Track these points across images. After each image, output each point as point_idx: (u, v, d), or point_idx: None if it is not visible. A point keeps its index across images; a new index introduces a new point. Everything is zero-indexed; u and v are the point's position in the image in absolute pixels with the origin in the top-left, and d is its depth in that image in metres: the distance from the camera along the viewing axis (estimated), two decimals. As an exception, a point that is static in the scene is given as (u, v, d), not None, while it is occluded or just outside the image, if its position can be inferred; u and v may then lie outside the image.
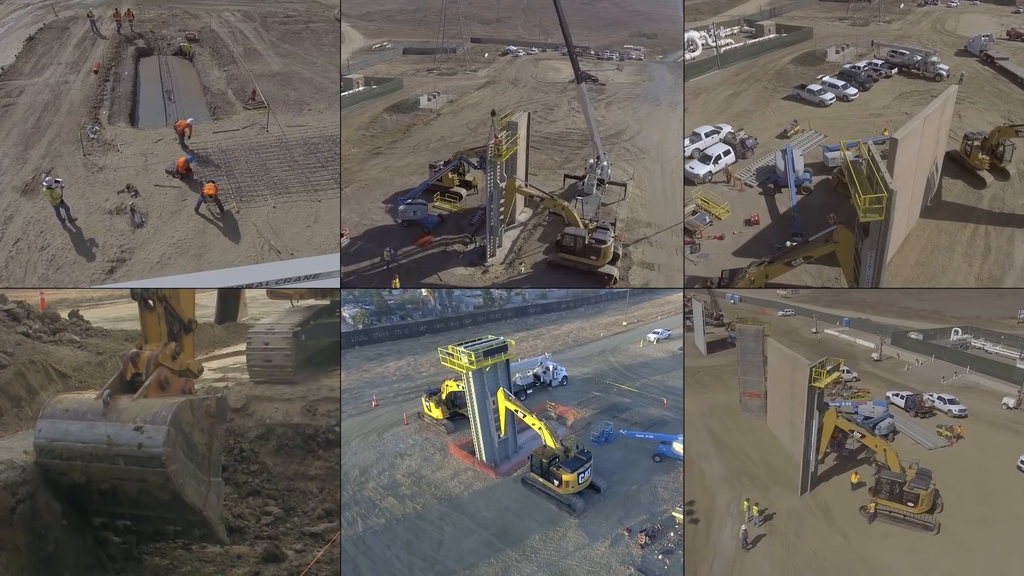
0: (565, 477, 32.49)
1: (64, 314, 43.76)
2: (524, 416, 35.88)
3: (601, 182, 46.79)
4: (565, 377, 53.81)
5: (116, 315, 49.32)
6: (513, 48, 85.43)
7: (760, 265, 36.13)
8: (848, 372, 51.69)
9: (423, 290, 70.79)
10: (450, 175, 47.06)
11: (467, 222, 44.11)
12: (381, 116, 63.83)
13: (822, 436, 34.59)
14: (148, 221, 37.64)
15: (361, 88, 70.91)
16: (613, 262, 40.42)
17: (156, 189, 40.51)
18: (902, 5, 76.93)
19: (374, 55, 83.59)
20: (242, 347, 37.65)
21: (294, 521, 26.60)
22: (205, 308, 39.21)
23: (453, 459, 38.02)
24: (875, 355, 60.11)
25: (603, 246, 39.44)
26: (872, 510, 32.40)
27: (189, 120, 45.89)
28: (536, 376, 52.28)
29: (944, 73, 56.97)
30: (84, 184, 40.88)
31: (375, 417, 43.22)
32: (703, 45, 66.24)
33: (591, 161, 47.09)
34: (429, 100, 67.06)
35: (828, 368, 33.36)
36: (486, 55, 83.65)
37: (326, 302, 39.33)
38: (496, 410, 36.38)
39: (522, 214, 45.73)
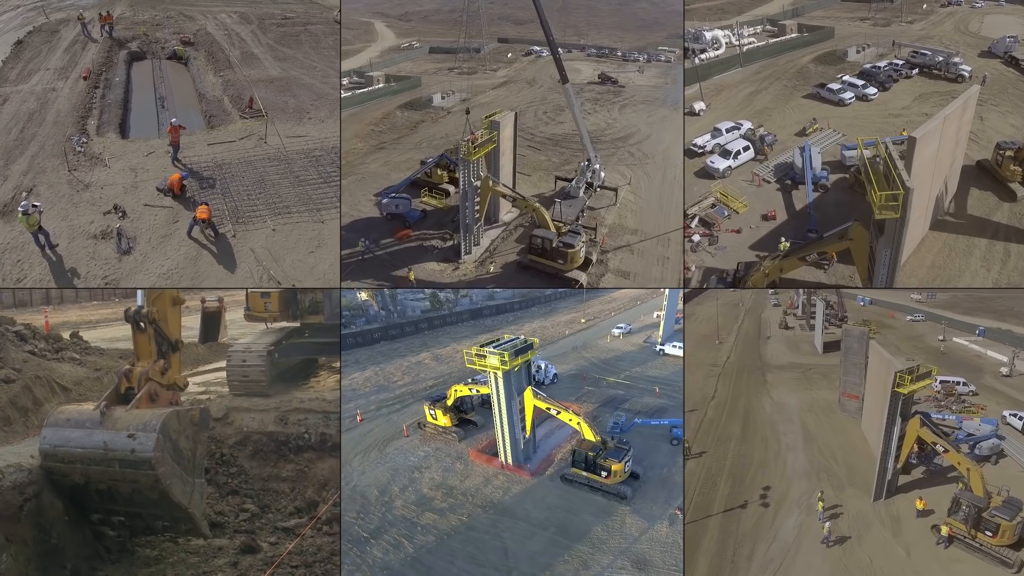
0: (614, 467, 34.56)
1: (66, 335, 46.19)
2: (559, 413, 37.32)
3: (590, 185, 48.24)
4: (555, 375, 55.45)
5: (112, 336, 50.99)
6: (537, 48, 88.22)
7: (775, 259, 37.42)
8: (964, 385, 50.68)
9: (362, 294, 71.56)
10: (439, 171, 48.78)
11: (449, 219, 45.45)
12: (394, 112, 66.76)
13: (903, 444, 34.08)
14: (136, 247, 36.12)
15: (380, 85, 74.65)
16: (584, 267, 41.32)
17: (145, 210, 39.12)
18: (925, 6, 78.99)
19: (400, 53, 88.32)
20: (223, 364, 41.03)
21: (268, 517, 29.45)
22: (190, 329, 39.23)
23: (476, 466, 38.81)
24: (1004, 370, 56.32)
25: (571, 250, 40.41)
26: (946, 532, 30.89)
27: (173, 120, 44.39)
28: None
29: (966, 74, 58.33)
30: (67, 204, 39.51)
31: (366, 433, 43.02)
32: (727, 43, 68.80)
33: (582, 164, 48.70)
34: (442, 98, 69.98)
35: (918, 374, 33.14)
36: (509, 55, 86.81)
37: (296, 324, 42.07)
38: (522, 410, 37.60)
39: (508, 214, 46.96)
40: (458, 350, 66.04)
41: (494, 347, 36.84)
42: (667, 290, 64.06)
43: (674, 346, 65.96)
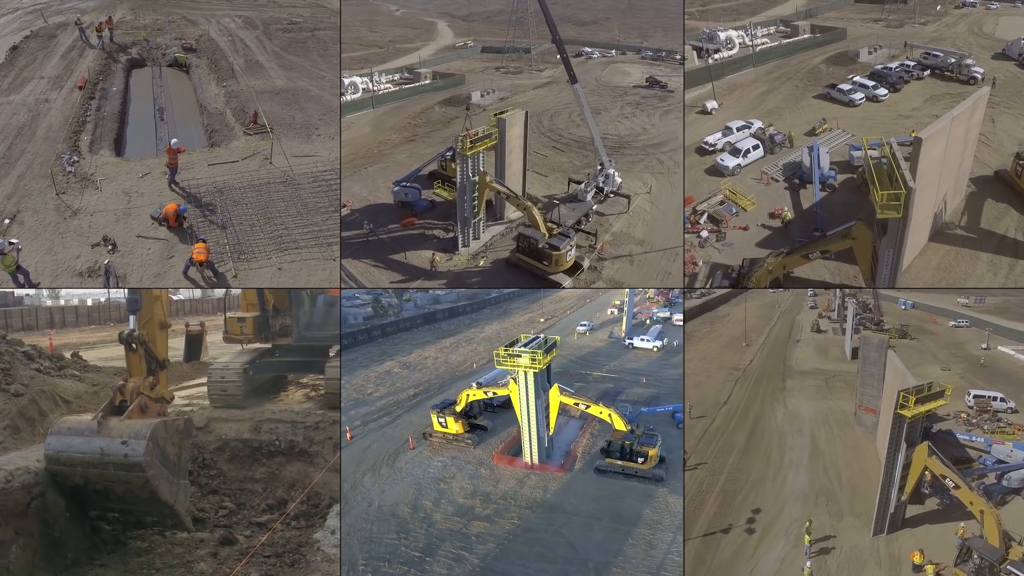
0: (651, 453, 37.26)
1: (67, 354, 48.30)
2: (588, 407, 39.32)
3: (600, 190, 49.08)
4: None
5: (107, 355, 53.21)
6: (588, 50, 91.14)
7: (778, 256, 37.99)
8: (1002, 401, 47.82)
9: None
10: (453, 165, 49.58)
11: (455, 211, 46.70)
12: (432, 108, 69.65)
13: (909, 474, 31.21)
14: (126, 286, 34.74)
15: (427, 81, 78.38)
16: (572, 271, 42.08)
17: (138, 242, 37.46)
18: (939, 7, 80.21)
19: (453, 52, 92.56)
20: (204, 380, 43.93)
21: (244, 514, 32.22)
22: (175, 350, 40.51)
23: (501, 469, 39.69)
24: (1053, 384, 52.77)
25: (556, 253, 41.19)
26: (931, 572, 28.27)
27: (173, 141, 42.65)
28: None
29: (979, 76, 59.02)
30: (53, 233, 37.94)
31: (363, 449, 42.46)
32: (740, 44, 70.56)
33: (596, 168, 49.69)
34: (482, 96, 72.63)
35: (926, 395, 30.53)
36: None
37: (268, 345, 45.06)
38: (547, 408, 39.05)
39: (516, 212, 47.77)
40: (425, 356, 67.63)
41: (522, 347, 38.37)
42: (627, 289, 65.71)
43: (642, 339, 71.45)
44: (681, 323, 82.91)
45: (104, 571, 25.79)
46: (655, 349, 71.22)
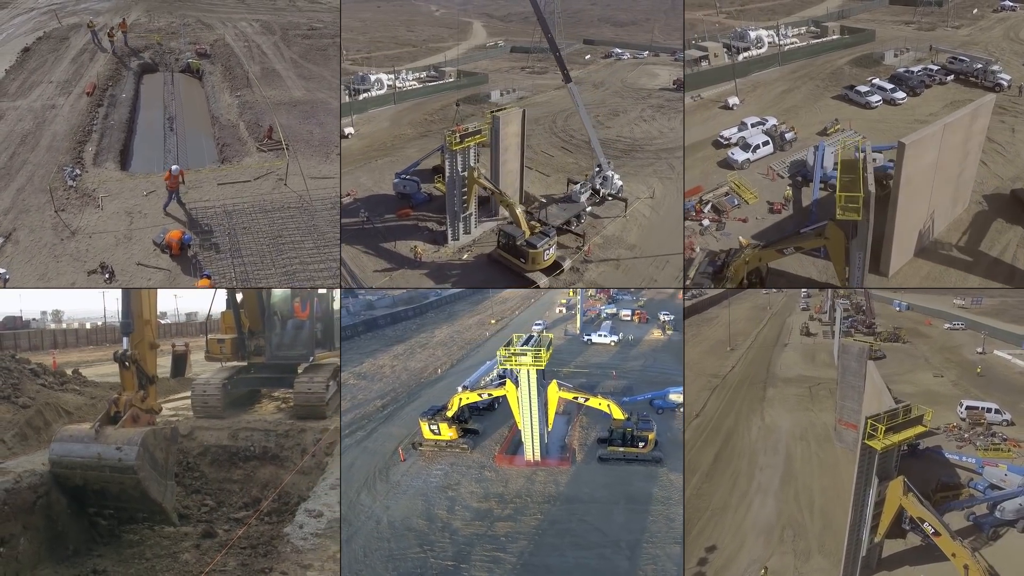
0: (650, 437, 41.15)
1: (69, 371, 52.59)
2: (587, 400, 42.47)
3: (595, 192, 50.80)
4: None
5: (104, 372, 56.14)
6: (618, 51, 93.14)
7: (755, 248, 39.46)
8: (997, 412, 45.88)
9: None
10: None
11: None
12: (451, 105, 71.53)
13: (883, 513, 28.06)
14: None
15: (451, 79, 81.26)
16: (551, 271, 43.61)
17: (137, 270, 36.77)
18: (975, 10, 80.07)
19: (482, 52, 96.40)
20: (188, 393, 47.45)
21: (223, 510, 35.09)
22: (163, 368, 43.28)
23: (507, 469, 41.15)
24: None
25: (533, 251, 42.84)
26: None
27: (173, 168, 41.35)
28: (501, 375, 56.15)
29: (1005, 83, 58.60)
30: (48, 256, 37.22)
31: (347, 466, 41.24)
32: (769, 43, 73.05)
33: (595, 169, 51.41)
34: (501, 95, 75.46)
35: (900, 422, 27.20)
36: (587, 56, 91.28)
37: (244, 363, 48.29)
38: (546, 404, 41.33)
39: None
40: (380, 365, 67.29)
41: (521, 346, 40.63)
42: (579, 289, 67.38)
43: (600, 335, 76.27)
44: (629, 318, 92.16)
45: (101, 560, 28.74)
46: (612, 344, 75.99)
